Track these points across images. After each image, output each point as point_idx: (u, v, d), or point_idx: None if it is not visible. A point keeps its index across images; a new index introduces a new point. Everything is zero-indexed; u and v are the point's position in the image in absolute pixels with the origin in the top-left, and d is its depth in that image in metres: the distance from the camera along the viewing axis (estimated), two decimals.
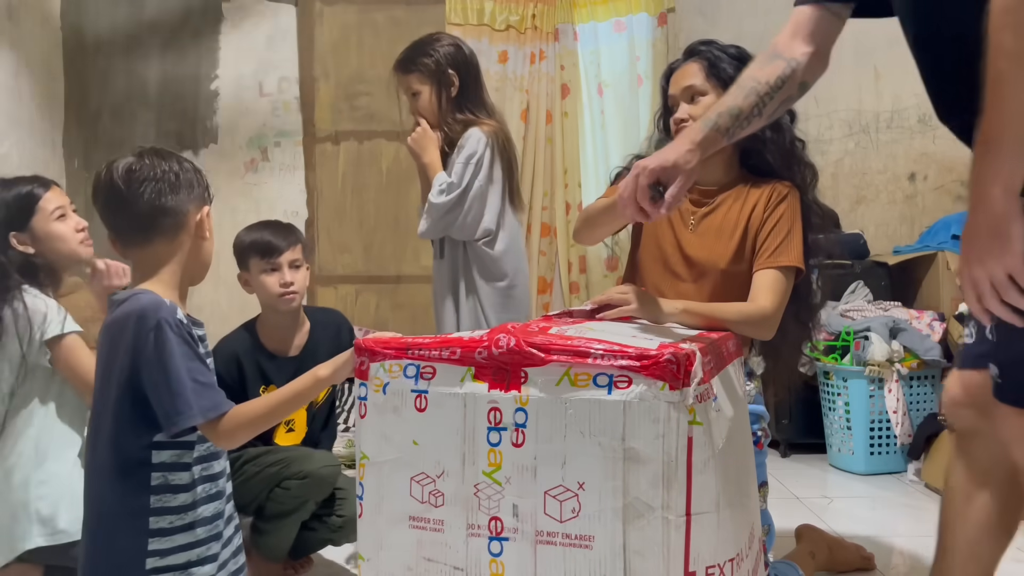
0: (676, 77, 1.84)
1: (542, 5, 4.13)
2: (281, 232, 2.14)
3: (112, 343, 1.32)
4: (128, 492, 1.31)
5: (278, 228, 2.15)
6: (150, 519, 1.30)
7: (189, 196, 1.37)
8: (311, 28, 4.22)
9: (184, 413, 1.27)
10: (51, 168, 3.83)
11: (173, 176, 1.36)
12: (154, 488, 1.31)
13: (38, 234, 1.88)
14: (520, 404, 1.09)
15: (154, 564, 1.31)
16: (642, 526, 1.05)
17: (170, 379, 1.27)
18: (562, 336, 1.13)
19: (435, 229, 2.21)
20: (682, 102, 1.80)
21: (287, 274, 2.09)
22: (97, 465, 1.35)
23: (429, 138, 2.26)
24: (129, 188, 1.33)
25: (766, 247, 1.70)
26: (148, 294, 1.33)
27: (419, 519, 1.15)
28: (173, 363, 1.27)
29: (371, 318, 4.24)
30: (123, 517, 1.32)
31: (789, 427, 3.41)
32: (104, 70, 4.15)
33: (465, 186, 2.17)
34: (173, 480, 1.33)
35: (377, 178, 4.26)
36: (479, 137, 2.19)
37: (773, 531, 1.93)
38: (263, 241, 2.09)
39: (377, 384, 1.17)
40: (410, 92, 2.31)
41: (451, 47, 2.28)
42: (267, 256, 2.08)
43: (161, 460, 1.32)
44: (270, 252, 2.08)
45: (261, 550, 2.08)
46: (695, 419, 1.05)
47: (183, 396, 1.27)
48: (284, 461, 2.01)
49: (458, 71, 2.26)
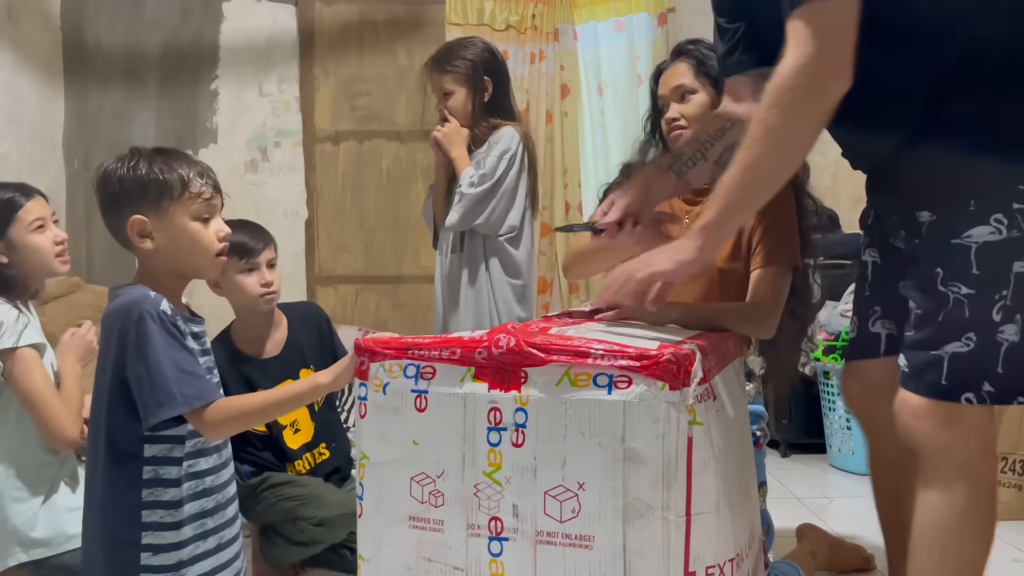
0: (665, 78, 1.84)
1: (542, 5, 4.13)
2: (256, 233, 2.11)
3: (105, 337, 1.37)
4: (122, 485, 1.35)
5: (252, 229, 2.11)
6: (142, 512, 1.34)
7: (127, 205, 1.38)
8: (311, 28, 4.22)
9: (165, 404, 1.30)
10: (51, 168, 3.83)
11: (116, 185, 1.38)
12: (146, 482, 1.34)
13: (14, 244, 1.85)
14: (520, 404, 1.09)
15: (148, 561, 1.34)
16: (642, 526, 1.05)
17: (151, 369, 1.30)
18: (562, 336, 1.14)
19: (465, 220, 2.23)
20: (672, 102, 1.80)
21: (267, 273, 2.07)
22: (95, 458, 1.38)
23: (459, 134, 2.30)
24: (98, 195, 1.41)
25: (762, 246, 1.70)
26: (136, 288, 1.37)
27: (419, 519, 1.15)
28: (154, 354, 1.30)
29: (371, 318, 4.23)
30: (118, 510, 1.35)
31: (789, 427, 3.41)
32: (104, 70, 4.15)
33: (498, 178, 2.21)
34: (163, 474, 1.35)
35: (377, 178, 4.26)
36: (512, 135, 2.26)
37: (773, 531, 1.94)
38: (239, 242, 2.01)
39: (377, 384, 1.17)
40: (442, 91, 2.32)
41: (487, 52, 2.34)
42: (245, 257, 2.04)
43: (152, 454, 1.35)
44: (248, 253, 2.04)
45: (267, 557, 2.09)
46: (695, 419, 1.05)
47: (163, 386, 1.30)
48: (302, 498, 2.01)
49: (492, 77, 2.32)
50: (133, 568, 1.33)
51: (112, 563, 1.35)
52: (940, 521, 1.33)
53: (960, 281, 1.28)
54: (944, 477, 1.33)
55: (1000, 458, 2.65)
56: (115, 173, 1.39)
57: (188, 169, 1.40)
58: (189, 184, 1.39)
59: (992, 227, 1.25)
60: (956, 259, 1.28)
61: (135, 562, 1.33)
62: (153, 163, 1.38)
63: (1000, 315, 1.26)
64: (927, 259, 1.33)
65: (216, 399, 1.34)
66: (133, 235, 1.38)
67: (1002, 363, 1.27)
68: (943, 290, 1.29)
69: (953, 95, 1.26)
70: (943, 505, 1.33)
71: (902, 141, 1.33)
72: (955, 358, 1.28)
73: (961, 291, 1.27)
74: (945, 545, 1.33)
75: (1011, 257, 1.25)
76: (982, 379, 1.28)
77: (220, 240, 1.42)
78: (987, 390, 1.28)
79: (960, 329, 1.28)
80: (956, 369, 1.28)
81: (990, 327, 1.26)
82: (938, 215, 1.32)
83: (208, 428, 1.34)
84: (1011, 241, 1.25)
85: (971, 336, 1.27)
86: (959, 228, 1.27)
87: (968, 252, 1.26)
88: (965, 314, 1.27)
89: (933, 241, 1.33)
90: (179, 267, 1.42)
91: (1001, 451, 2.65)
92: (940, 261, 1.30)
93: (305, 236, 4.24)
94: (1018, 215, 1.24)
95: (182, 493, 1.36)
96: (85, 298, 2.73)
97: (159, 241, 1.39)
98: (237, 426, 1.39)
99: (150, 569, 1.34)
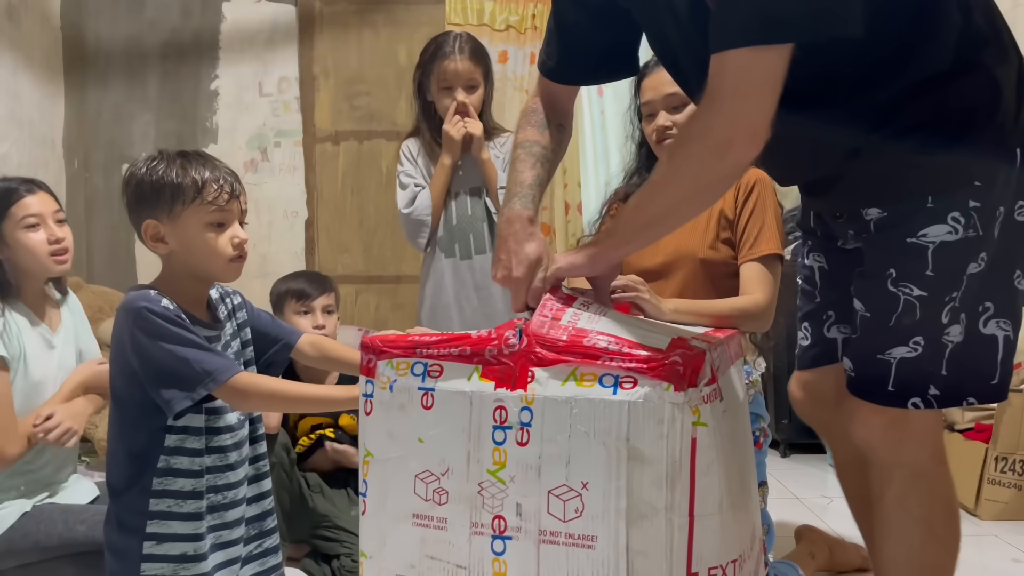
0: (653, 83, 1.79)
1: (542, 5, 4.13)
2: (315, 281, 2.40)
3: (114, 335, 1.39)
4: (133, 473, 1.38)
5: (313, 277, 2.43)
6: (151, 500, 1.36)
7: (143, 208, 1.40)
8: (311, 28, 4.22)
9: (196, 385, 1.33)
10: (51, 168, 3.83)
11: (135, 187, 1.40)
12: (158, 470, 1.37)
13: (5, 239, 1.77)
14: (526, 403, 1.09)
15: (151, 550, 1.36)
16: (645, 527, 1.05)
17: (161, 359, 1.33)
18: (571, 331, 1.13)
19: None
20: (663, 110, 1.77)
21: (319, 317, 2.32)
22: (114, 449, 1.41)
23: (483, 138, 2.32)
24: (123, 196, 1.43)
25: (745, 239, 1.71)
26: (139, 289, 1.40)
27: (423, 517, 1.15)
28: (162, 342, 1.33)
29: (371, 318, 4.24)
30: (128, 497, 1.38)
31: (789, 427, 3.41)
32: (104, 70, 4.15)
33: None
34: (175, 464, 1.38)
35: (377, 178, 4.26)
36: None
37: (773, 531, 1.94)
38: (298, 288, 2.35)
39: (384, 382, 1.17)
40: (470, 83, 2.29)
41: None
42: (302, 300, 2.33)
43: (167, 444, 1.38)
44: (304, 296, 2.34)
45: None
46: (700, 420, 1.05)
47: (181, 371, 1.32)
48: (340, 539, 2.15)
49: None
50: (136, 556, 1.36)
51: (117, 549, 1.39)
52: (900, 532, 1.31)
53: (912, 282, 1.23)
54: (897, 487, 1.30)
55: (1000, 458, 2.66)
56: (136, 175, 1.40)
57: (205, 174, 1.39)
58: (203, 189, 1.38)
59: (949, 226, 1.20)
60: (910, 259, 1.22)
61: (138, 550, 1.35)
62: (171, 166, 1.38)
63: (948, 317, 1.22)
64: (877, 258, 1.28)
65: (238, 371, 1.37)
66: (147, 238, 1.40)
67: (946, 365, 1.23)
68: (893, 291, 1.24)
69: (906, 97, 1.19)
70: (900, 516, 1.30)
71: (848, 150, 1.25)
72: (903, 363, 1.24)
73: (913, 293, 1.22)
74: (909, 556, 1.31)
75: (966, 258, 1.21)
76: (928, 383, 1.24)
77: (235, 247, 1.41)
78: (933, 394, 1.24)
79: (909, 333, 1.24)
80: (903, 374, 1.24)
81: (938, 329, 1.22)
82: (889, 212, 1.25)
83: (236, 396, 1.36)
84: (967, 241, 1.20)
85: (919, 340, 1.23)
86: (914, 226, 1.22)
87: (925, 252, 1.21)
88: (915, 317, 1.23)
89: (884, 239, 1.27)
90: (194, 271, 1.43)
91: (1001, 451, 2.66)
92: (892, 260, 1.24)
93: (305, 236, 4.24)
94: (974, 213, 1.19)
95: (193, 485, 1.38)
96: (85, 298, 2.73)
97: (172, 245, 1.40)
98: (264, 403, 1.43)
99: (153, 558, 1.36)
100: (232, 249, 1.41)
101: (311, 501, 2.19)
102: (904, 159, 1.21)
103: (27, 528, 1.70)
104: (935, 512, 1.31)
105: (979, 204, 1.20)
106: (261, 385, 1.39)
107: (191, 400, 1.32)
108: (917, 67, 1.17)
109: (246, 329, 1.54)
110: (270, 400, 1.41)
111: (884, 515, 1.33)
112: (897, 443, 1.28)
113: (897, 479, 1.30)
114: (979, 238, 1.20)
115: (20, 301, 1.80)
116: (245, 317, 1.55)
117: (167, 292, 1.39)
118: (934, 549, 1.31)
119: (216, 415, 1.42)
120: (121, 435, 1.40)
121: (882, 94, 1.18)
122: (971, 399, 1.27)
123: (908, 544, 1.31)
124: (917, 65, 1.17)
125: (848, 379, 1.32)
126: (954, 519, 1.34)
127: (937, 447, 1.32)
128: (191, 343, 1.34)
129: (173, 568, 1.36)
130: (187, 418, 1.37)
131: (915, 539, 1.30)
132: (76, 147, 4.08)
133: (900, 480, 1.30)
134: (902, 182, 1.23)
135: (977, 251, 1.21)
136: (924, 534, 1.30)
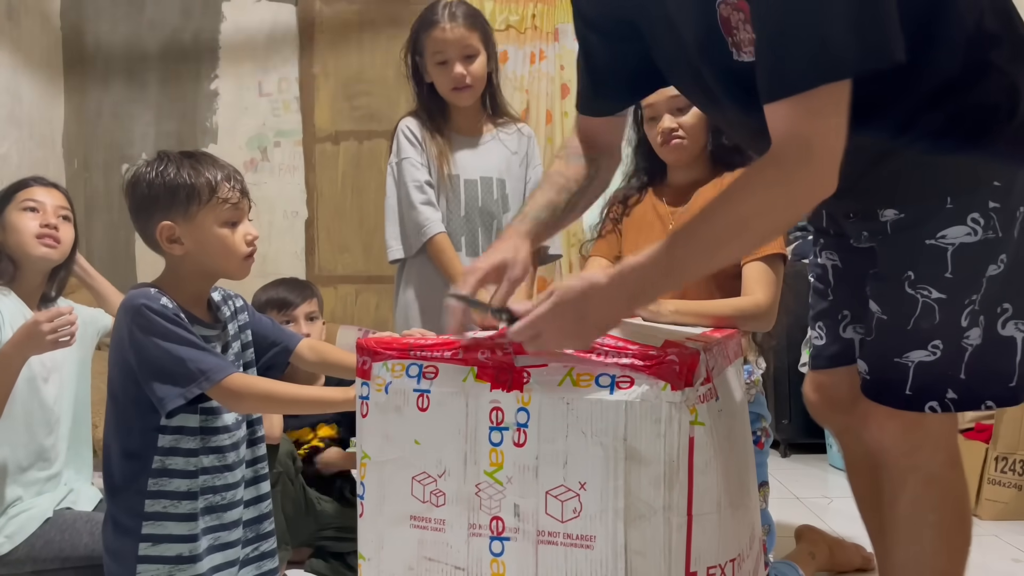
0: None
1: (542, 5, 4.13)
2: (296, 288, 2.31)
3: (114, 332, 1.41)
4: (130, 473, 1.38)
5: (292, 284, 2.33)
6: (146, 501, 1.36)
7: (157, 210, 1.39)
8: (311, 28, 4.22)
9: (187, 383, 1.32)
10: (51, 168, 3.83)
11: (145, 189, 1.39)
12: (153, 471, 1.37)
13: (4, 223, 1.81)
14: (522, 404, 1.09)
15: (146, 551, 1.36)
16: (643, 526, 1.05)
17: (156, 358, 1.33)
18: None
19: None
20: (667, 113, 1.76)
21: (303, 326, 2.23)
22: (109, 448, 1.41)
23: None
24: (127, 199, 1.43)
25: None
26: (140, 288, 1.39)
27: (420, 519, 1.15)
28: (160, 340, 1.33)
29: (371, 318, 4.23)
30: (125, 497, 1.38)
31: (789, 427, 3.41)
32: (104, 70, 4.15)
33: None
34: (171, 465, 1.38)
35: (377, 178, 4.25)
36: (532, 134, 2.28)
37: (773, 531, 1.94)
38: (279, 297, 2.26)
39: (379, 383, 1.17)
40: (466, 51, 2.03)
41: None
42: (283, 309, 2.23)
43: (162, 444, 1.38)
44: (286, 306, 2.25)
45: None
46: (697, 419, 1.05)
47: (176, 369, 1.32)
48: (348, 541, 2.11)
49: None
50: (132, 557, 1.36)
51: (114, 550, 1.39)
52: (911, 537, 1.30)
53: (931, 284, 1.21)
54: (911, 492, 1.29)
55: (1000, 458, 2.65)
56: (144, 177, 1.39)
57: (216, 173, 1.40)
58: (217, 189, 1.39)
59: (968, 227, 1.18)
60: (930, 261, 1.21)
61: (134, 551, 1.36)
62: (181, 167, 1.38)
63: (967, 320, 1.21)
64: (894, 260, 1.26)
65: (233, 371, 1.37)
66: (163, 240, 1.39)
67: (965, 369, 1.22)
68: (911, 293, 1.22)
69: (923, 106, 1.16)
70: (912, 520, 1.29)
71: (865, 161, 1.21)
72: (921, 367, 1.23)
73: (932, 295, 1.21)
74: (919, 560, 1.30)
75: (986, 260, 1.20)
76: (946, 387, 1.23)
77: (248, 244, 1.43)
78: (951, 397, 1.23)
79: (927, 336, 1.22)
80: (921, 378, 1.23)
81: (957, 332, 1.21)
82: (906, 213, 1.24)
83: (229, 397, 1.36)
84: (986, 243, 1.19)
85: (938, 344, 1.22)
86: (932, 227, 1.20)
87: (944, 254, 1.20)
88: (935, 321, 1.21)
89: (901, 240, 1.25)
90: (207, 270, 1.43)
91: (1001, 451, 2.65)
92: (910, 262, 1.23)
93: (305, 236, 4.24)
94: (993, 214, 1.18)
95: (189, 485, 1.38)
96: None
97: (188, 246, 1.40)
98: (259, 404, 1.42)
99: (149, 559, 1.36)
100: (246, 246, 1.42)
101: (318, 505, 2.18)
102: (921, 160, 1.19)
103: (50, 535, 1.69)
104: (948, 517, 1.30)
105: (998, 205, 1.18)
106: (255, 386, 1.38)
107: (184, 398, 1.32)
108: (930, 73, 1.15)
109: (247, 331, 1.54)
110: (265, 401, 1.41)
111: (896, 519, 1.32)
112: (912, 447, 1.27)
113: (911, 483, 1.29)
114: (999, 239, 1.19)
115: (15, 292, 1.81)
116: (247, 320, 1.55)
117: (169, 290, 1.39)
118: (945, 554, 1.30)
119: (213, 415, 1.42)
120: (117, 434, 1.40)
121: (897, 106, 1.16)
122: (989, 402, 1.25)
123: (919, 549, 1.30)
124: (930, 72, 1.15)
125: (863, 382, 1.31)
126: (966, 525, 1.33)
127: (952, 452, 1.31)
128: (187, 342, 1.34)
129: (169, 569, 1.36)
130: (181, 418, 1.37)
131: (926, 544, 1.29)
132: (76, 147, 4.08)
133: (914, 485, 1.29)
134: (920, 183, 1.21)
135: (997, 253, 1.20)
136: (936, 539, 1.29)
